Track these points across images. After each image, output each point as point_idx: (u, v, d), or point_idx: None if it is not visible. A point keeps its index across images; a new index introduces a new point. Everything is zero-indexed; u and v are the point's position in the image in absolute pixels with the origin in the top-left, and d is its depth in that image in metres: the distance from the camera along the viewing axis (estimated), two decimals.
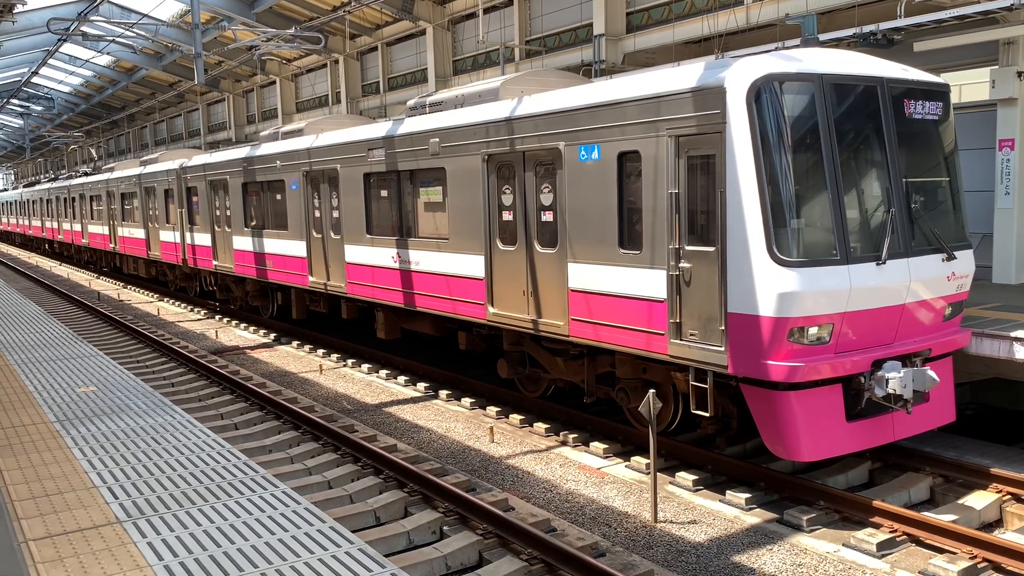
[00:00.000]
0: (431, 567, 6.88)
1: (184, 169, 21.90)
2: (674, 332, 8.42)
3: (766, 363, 7.60)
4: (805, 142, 7.82)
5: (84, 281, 31.88)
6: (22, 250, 52.90)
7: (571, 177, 9.59)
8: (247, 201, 18.47)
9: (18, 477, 6.05)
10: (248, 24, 29.71)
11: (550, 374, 11.08)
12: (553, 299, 10.04)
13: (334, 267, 14.99)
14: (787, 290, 7.45)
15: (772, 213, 7.55)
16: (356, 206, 14.09)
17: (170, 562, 4.60)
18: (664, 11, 20.72)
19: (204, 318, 21.82)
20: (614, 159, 9.02)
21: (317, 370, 15.02)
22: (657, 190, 8.51)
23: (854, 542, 7.28)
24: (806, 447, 7.79)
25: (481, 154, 10.93)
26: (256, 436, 10.70)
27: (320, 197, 15.30)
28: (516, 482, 9.07)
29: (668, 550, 7.33)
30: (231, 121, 44.49)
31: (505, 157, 10.59)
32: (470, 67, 27.61)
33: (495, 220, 10.90)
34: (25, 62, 43.31)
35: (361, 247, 14.07)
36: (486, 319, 11.18)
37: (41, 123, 63.41)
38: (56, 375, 9.47)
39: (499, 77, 11.74)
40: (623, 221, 9.07)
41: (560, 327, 9.93)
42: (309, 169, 15.45)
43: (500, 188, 10.76)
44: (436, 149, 11.79)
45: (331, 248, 15.02)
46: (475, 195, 11.14)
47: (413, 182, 12.68)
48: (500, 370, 11.76)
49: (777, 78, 7.73)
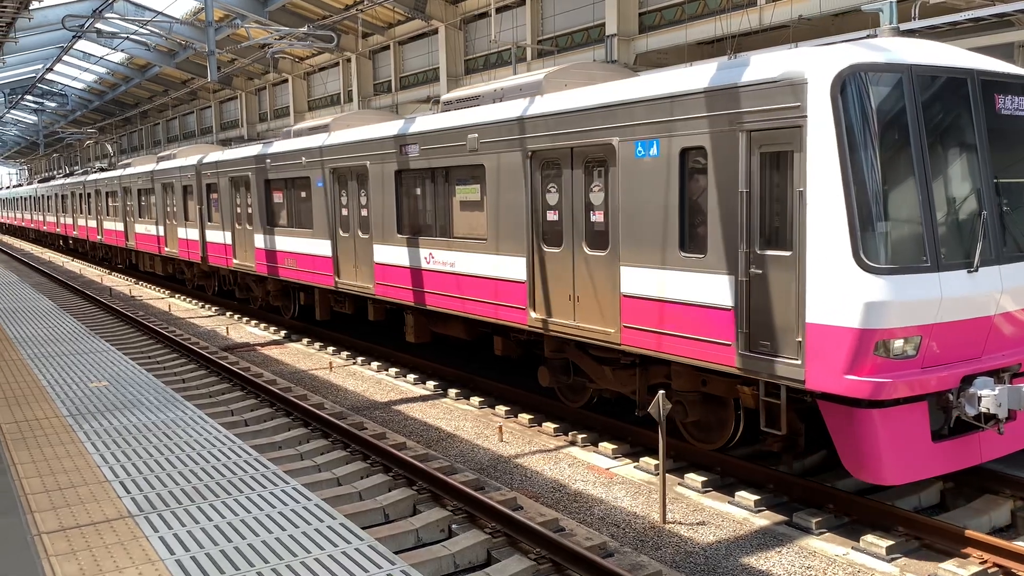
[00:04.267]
0: (439, 565, 6.90)
1: (203, 165, 21.48)
2: (742, 343, 7.80)
3: (849, 378, 7.03)
4: (894, 138, 7.24)
5: (96, 277, 32.06)
6: (35, 245, 53.22)
7: (626, 174, 8.98)
8: (269, 198, 17.92)
9: (31, 471, 6.10)
10: (261, 22, 29.84)
11: (596, 384, 10.43)
12: (603, 305, 9.45)
13: (362, 267, 14.52)
14: (874, 299, 6.90)
15: (858, 215, 6.98)
16: (386, 204, 13.53)
17: (181, 556, 4.63)
18: (677, 11, 20.70)
19: (215, 315, 21.91)
20: (675, 155, 8.41)
21: (327, 367, 15.07)
22: (725, 189, 7.91)
23: (864, 545, 7.25)
24: (890, 470, 7.23)
25: (524, 150, 10.38)
26: (266, 432, 10.75)
27: (347, 195, 14.80)
28: (525, 481, 9.08)
29: (676, 551, 7.33)
30: (243, 119, 44.66)
31: (551, 154, 10.05)
32: (482, 67, 27.64)
33: (538, 220, 10.35)
34: (40, 58, 43.61)
35: (391, 247, 13.50)
36: (527, 324, 10.60)
37: (55, 119, 63.83)
38: (69, 370, 9.53)
39: (541, 70, 11.22)
40: (685, 222, 8.47)
41: (611, 335, 9.31)
42: (336, 166, 14.93)
43: (544, 186, 10.22)
44: (474, 145, 11.24)
45: (359, 248, 14.56)
46: (516, 194, 10.61)
47: (448, 180, 12.13)
48: (541, 378, 11.22)
49: (864, 68, 7.16)
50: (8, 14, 16.33)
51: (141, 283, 29.56)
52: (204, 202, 21.53)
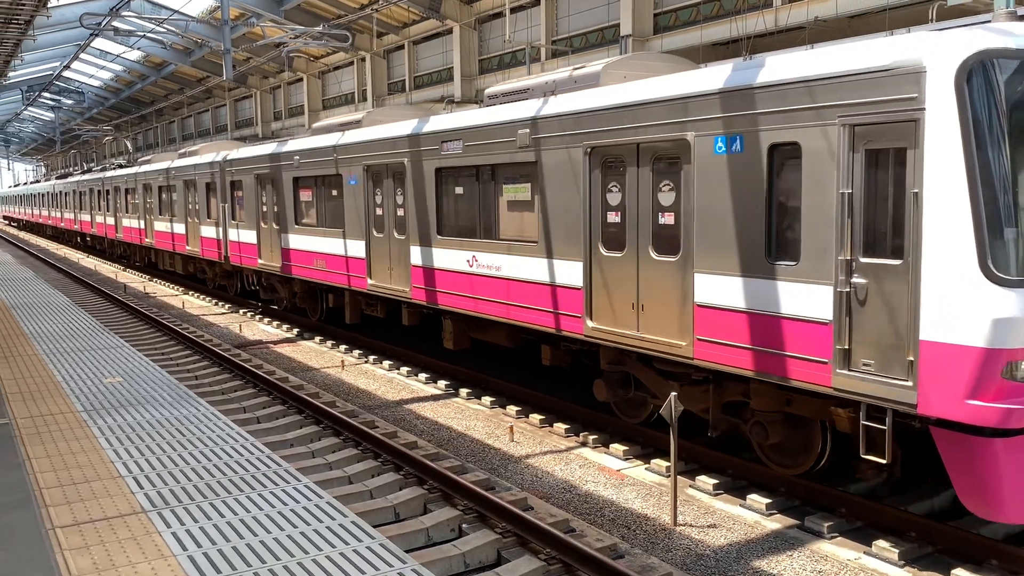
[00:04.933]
0: (450, 564, 6.90)
1: (227, 162, 20.87)
2: (841, 360, 7.07)
3: (971, 403, 6.34)
4: None
5: (111, 273, 32.26)
6: (51, 242, 53.58)
7: (702, 173, 8.25)
8: (298, 196, 17.28)
9: (46, 465, 6.15)
10: (276, 21, 29.96)
11: (659, 400, 9.70)
12: (672, 314, 8.75)
13: (397, 270, 13.90)
14: (1004, 315, 6.19)
15: (986, 220, 6.24)
16: (426, 204, 12.89)
17: (194, 552, 4.65)
18: (692, 12, 20.65)
19: (228, 312, 22.01)
20: (763, 152, 7.70)
21: (339, 366, 15.11)
22: (822, 189, 7.20)
23: (876, 550, 7.21)
24: (1012, 506, 6.53)
25: (583, 147, 9.66)
26: (278, 430, 10.79)
27: (383, 194, 14.12)
28: (535, 482, 9.08)
29: (687, 553, 7.31)
30: (258, 117, 44.85)
31: (613, 150, 9.30)
32: (496, 67, 27.65)
33: (598, 222, 9.63)
34: (57, 56, 43.94)
35: (430, 249, 12.86)
36: (583, 334, 9.89)
37: (71, 117, 64.29)
38: (83, 365, 9.60)
39: (599, 61, 10.54)
40: (773, 226, 7.74)
41: (681, 348, 8.61)
42: (371, 163, 14.23)
43: (605, 185, 9.49)
44: (525, 141, 10.56)
45: (394, 249, 13.94)
46: (573, 193, 9.92)
47: (495, 178, 11.46)
48: (597, 392, 10.53)
49: (993, 55, 6.39)
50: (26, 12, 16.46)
51: (155, 280, 29.73)
52: (228, 200, 21.02)
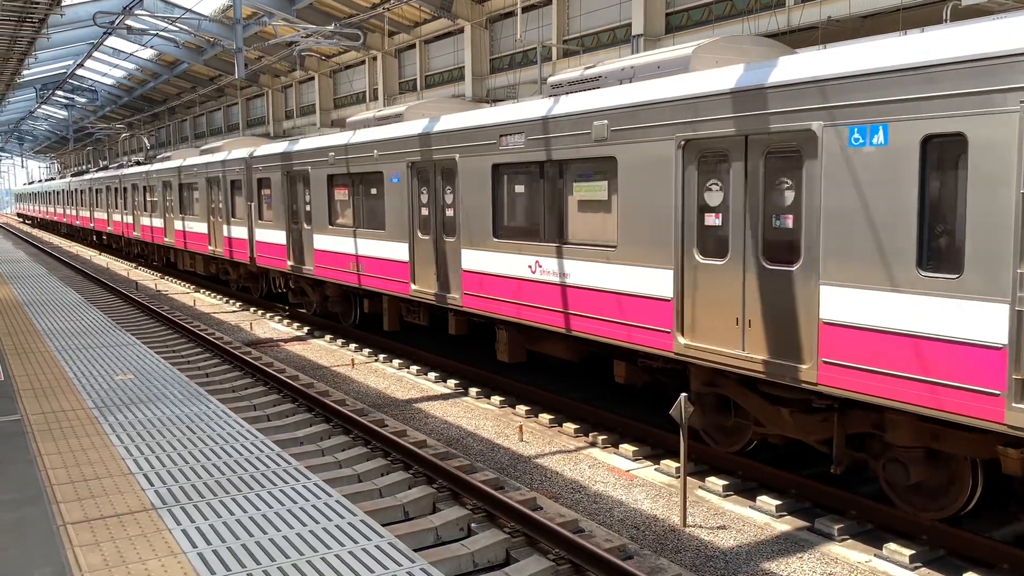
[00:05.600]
0: (459, 563, 6.90)
1: (254, 159, 19.86)
2: (1019, 393, 6.17)
3: None
4: None
5: (123, 271, 32.42)
6: (64, 239, 53.86)
7: (832, 169, 7.21)
8: (332, 195, 16.28)
9: (57, 461, 6.18)
10: (288, 20, 30.04)
11: (764, 428, 8.65)
12: (789, 332, 7.69)
13: (445, 275, 12.89)
14: None
15: None
16: (480, 204, 11.87)
17: (203, 550, 4.66)
18: (704, 12, 20.59)
19: (239, 310, 22.08)
20: (914, 144, 6.67)
21: (349, 364, 15.14)
22: (995, 188, 6.20)
23: (887, 553, 7.17)
24: None
25: (675, 139, 8.58)
26: (288, 428, 10.81)
27: (430, 192, 13.12)
28: (544, 482, 9.07)
29: (697, 555, 7.29)
30: (270, 116, 45.00)
31: (714, 143, 8.26)
32: (507, 66, 27.65)
33: (693, 225, 8.55)
34: (71, 54, 44.20)
35: (485, 253, 11.84)
36: (672, 351, 8.83)
37: (84, 115, 64.65)
38: (95, 362, 9.65)
39: (688, 44, 9.58)
40: (925, 231, 6.73)
41: (802, 371, 7.54)
42: (417, 159, 13.24)
43: (703, 183, 8.46)
44: (603, 134, 9.53)
45: (442, 252, 12.93)
46: (661, 192, 8.85)
47: (564, 175, 10.44)
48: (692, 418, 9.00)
49: None
50: (40, 10, 16.56)
51: (167, 278, 29.86)
52: (255, 198, 20.04)
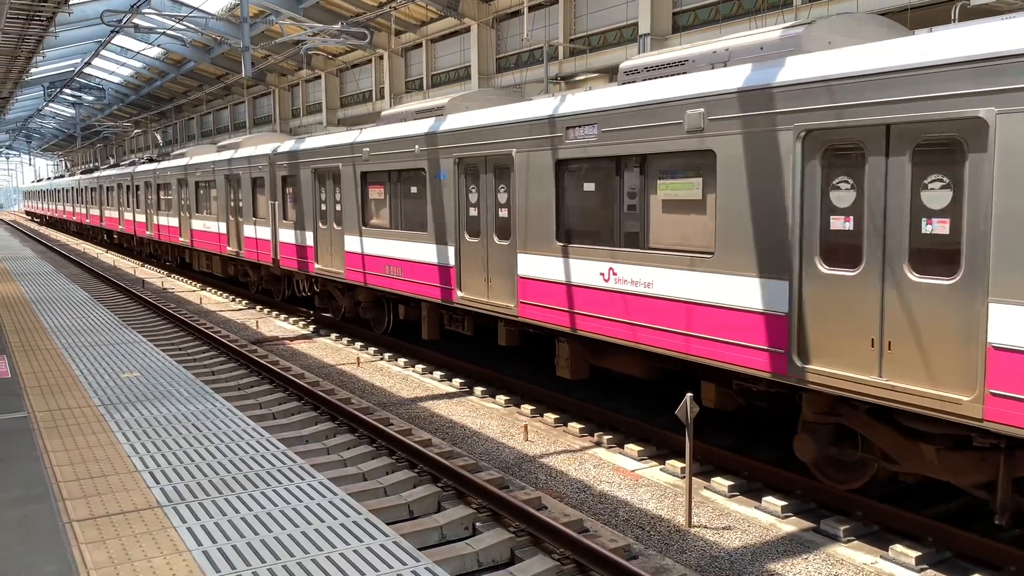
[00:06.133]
0: (463, 563, 6.90)
1: (278, 155, 18.89)
2: None
3: None
4: None
5: (130, 269, 32.52)
6: (72, 237, 54.02)
7: (1008, 163, 6.14)
8: (366, 194, 15.26)
9: (63, 459, 6.20)
10: (295, 19, 30.08)
11: (898, 466, 7.59)
12: (944, 357, 6.60)
13: (497, 281, 11.89)
14: None
15: None
16: (541, 204, 10.81)
17: (208, 548, 4.67)
18: (711, 11, 20.56)
19: (245, 308, 22.13)
20: None
21: (355, 363, 15.15)
22: None
23: (893, 555, 7.15)
24: None
25: (793, 130, 7.50)
26: (293, 426, 10.83)
27: (480, 191, 12.10)
28: (549, 481, 9.07)
29: (702, 555, 7.28)
30: (276, 115, 45.08)
31: (846, 134, 7.17)
32: (513, 65, 27.64)
33: (814, 229, 7.44)
34: (78, 53, 44.35)
35: (546, 258, 10.77)
36: (787, 375, 7.69)
37: (92, 113, 64.87)
38: (101, 360, 9.67)
39: (797, 23, 8.48)
40: None
41: (963, 404, 6.42)
42: (465, 155, 12.19)
43: (828, 180, 7.35)
44: (698, 124, 8.48)
45: (494, 257, 11.94)
46: (774, 190, 7.74)
47: (645, 172, 9.34)
48: (801, 450, 8.17)
49: None
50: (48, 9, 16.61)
51: (173, 276, 29.93)
52: (279, 197, 19.03)
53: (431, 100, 14.27)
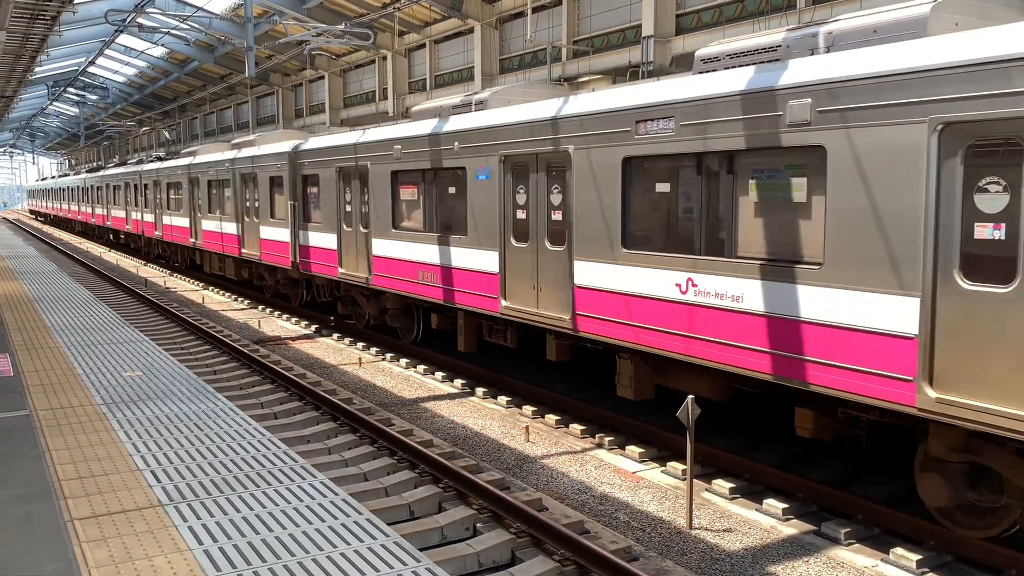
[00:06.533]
0: (464, 563, 6.91)
1: (299, 153, 17.98)
2: None
3: None
4: None
5: (132, 268, 32.56)
6: (76, 236, 54.07)
7: None
8: (397, 194, 14.24)
9: (65, 457, 6.21)
10: (299, 19, 30.11)
11: None
12: None
13: (549, 290, 10.86)
14: None
15: None
16: (604, 206, 9.82)
17: (209, 547, 4.68)
18: (715, 14, 20.57)
19: (247, 308, 22.15)
20: None
21: (356, 363, 15.16)
22: None
23: (894, 558, 7.15)
24: None
25: (927, 122, 6.48)
26: (295, 426, 10.84)
27: (529, 192, 11.09)
28: (550, 482, 9.07)
29: (702, 557, 7.27)
30: (280, 114, 45.14)
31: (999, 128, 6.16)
32: (516, 66, 27.67)
33: (953, 237, 6.45)
34: (82, 52, 44.44)
35: (609, 266, 9.77)
36: (917, 406, 6.71)
37: (95, 112, 64.97)
38: (103, 359, 9.69)
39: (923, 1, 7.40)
40: None
41: None
42: (513, 152, 11.20)
43: (972, 181, 6.35)
44: (804, 116, 7.47)
45: (546, 264, 10.89)
46: (898, 191, 6.77)
47: (734, 170, 8.36)
48: (929, 493, 7.26)
49: None
50: (53, 8, 16.64)
51: (175, 275, 29.96)
52: (299, 197, 18.07)
53: (471, 94, 13.30)
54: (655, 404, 11.65)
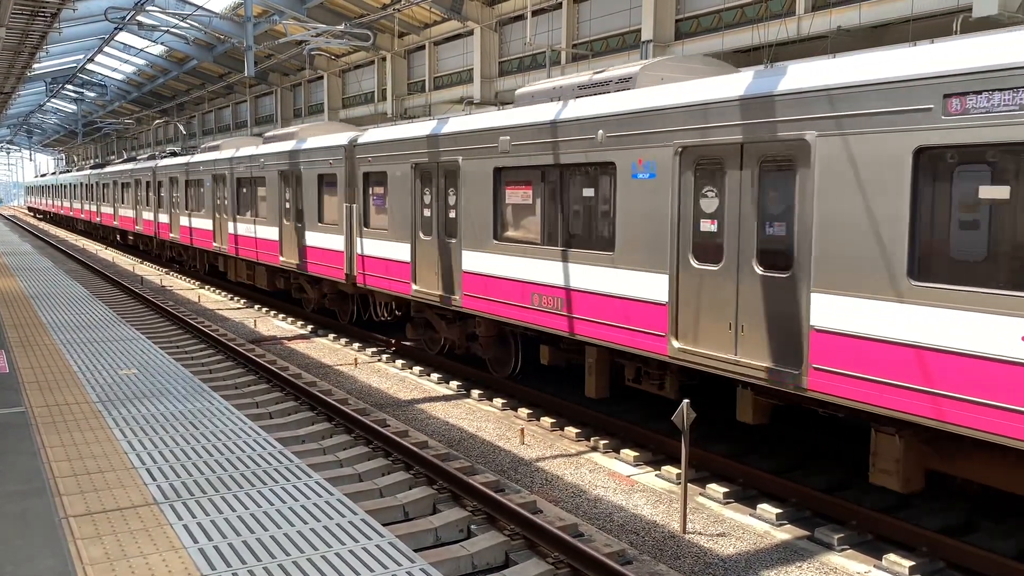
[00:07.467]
0: (458, 565, 6.92)
1: (359, 147, 15.61)
2: None
3: None
4: None
5: (128, 266, 32.51)
6: (70, 232, 53.94)
7: None
8: (500, 197, 11.75)
9: (60, 454, 6.20)
10: (299, 19, 30.12)
11: None
12: None
13: (760, 331, 8.07)
14: None
15: None
16: (876, 217, 7.03)
17: (204, 545, 4.68)
18: (714, 19, 20.61)
19: (243, 307, 22.13)
20: None
21: (352, 363, 15.16)
22: None
23: (887, 564, 7.17)
24: None
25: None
26: (290, 426, 10.84)
27: (725, 195, 8.37)
28: (545, 485, 9.08)
29: (696, 562, 7.29)
30: (278, 114, 45.14)
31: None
32: (516, 69, 27.70)
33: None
34: (81, 49, 44.37)
35: (881, 303, 6.97)
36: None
37: (93, 109, 64.90)
38: (99, 356, 9.68)
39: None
40: None
41: None
42: (695, 143, 8.61)
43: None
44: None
45: (754, 295, 8.12)
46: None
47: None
48: None
49: None
50: (53, 5, 16.63)
51: (172, 274, 29.93)
52: (359, 198, 15.65)
53: (607, 71, 10.85)
54: (651, 409, 11.67)
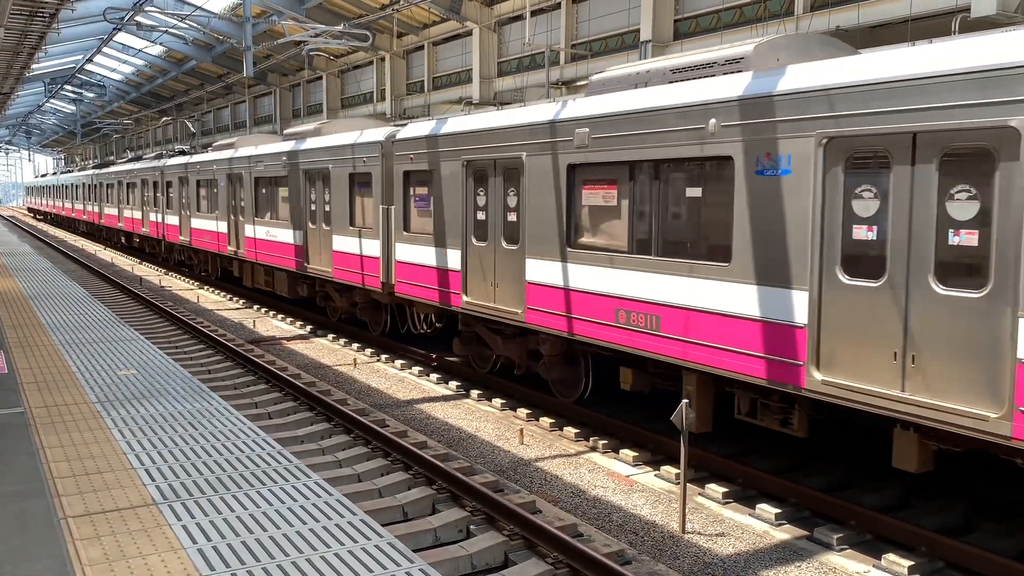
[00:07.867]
0: (457, 565, 6.91)
1: (399, 143, 14.28)
2: None
3: None
4: None
5: (127, 266, 32.49)
6: (69, 233, 53.91)
7: None
8: (574, 198, 10.42)
9: (59, 455, 6.20)
10: (298, 19, 30.12)
11: None
12: None
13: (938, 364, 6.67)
14: None
15: None
16: None
17: (203, 546, 4.68)
18: (713, 19, 20.62)
19: (242, 307, 22.12)
20: None
21: (351, 364, 15.16)
22: None
23: (885, 564, 7.17)
24: None
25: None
26: (289, 426, 10.83)
27: (890, 195, 7.00)
28: (544, 485, 9.08)
29: (695, 562, 7.29)
30: (277, 115, 45.13)
31: None
32: (515, 69, 27.71)
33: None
34: (80, 49, 44.35)
35: None
36: None
37: (92, 109, 64.88)
38: (98, 357, 9.68)
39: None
40: None
41: None
42: (846, 133, 7.23)
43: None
44: None
45: (933, 316, 6.71)
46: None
47: None
48: None
49: None
50: (51, 5, 16.62)
51: (170, 274, 29.91)
52: (399, 200, 14.37)
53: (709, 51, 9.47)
54: (650, 408, 11.67)
